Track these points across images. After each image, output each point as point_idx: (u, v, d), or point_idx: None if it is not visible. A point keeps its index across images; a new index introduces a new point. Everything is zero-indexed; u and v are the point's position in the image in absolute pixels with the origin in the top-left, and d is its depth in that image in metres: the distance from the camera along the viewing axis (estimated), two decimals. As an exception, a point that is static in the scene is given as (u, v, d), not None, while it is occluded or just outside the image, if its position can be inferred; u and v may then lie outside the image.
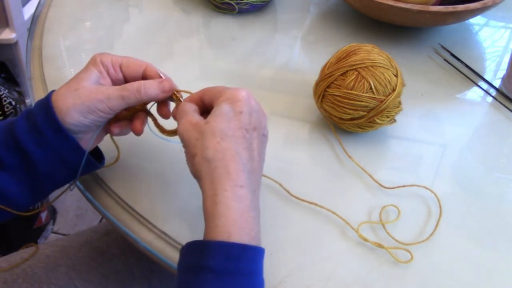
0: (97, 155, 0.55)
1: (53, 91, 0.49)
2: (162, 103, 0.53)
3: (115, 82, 0.51)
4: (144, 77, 0.51)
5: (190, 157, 0.45)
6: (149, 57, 0.54)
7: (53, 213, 1.44)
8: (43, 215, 1.35)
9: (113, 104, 0.48)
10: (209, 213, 0.42)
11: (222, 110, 0.45)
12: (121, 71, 0.51)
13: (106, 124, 0.51)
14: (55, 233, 1.42)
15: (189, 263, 0.42)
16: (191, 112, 0.47)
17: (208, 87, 0.49)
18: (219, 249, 0.40)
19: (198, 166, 0.44)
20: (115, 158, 0.56)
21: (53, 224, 1.43)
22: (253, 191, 0.44)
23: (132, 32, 0.79)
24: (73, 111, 0.47)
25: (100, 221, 1.45)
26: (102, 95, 0.47)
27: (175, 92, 0.51)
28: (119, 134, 0.53)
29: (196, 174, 0.45)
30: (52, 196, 0.55)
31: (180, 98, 0.51)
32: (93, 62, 0.50)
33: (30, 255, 0.64)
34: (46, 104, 0.47)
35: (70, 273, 0.67)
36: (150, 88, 0.49)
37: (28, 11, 1.40)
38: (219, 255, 0.40)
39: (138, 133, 0.52)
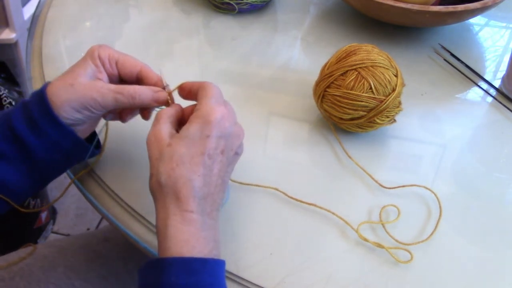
0: (92, 140, 0.55)
1: (48, 82, 0.49)
2: None
3: (110, 77, 0.51)
4: (139, 77, 0.51)
5: (150, 173, 0.45)
6: (149, 57, 0.54)
7: (53, 213, 1.44)
8: (43, 215, 1.35)
9: (106, 104, 0.48)
10: (161, 234, 0.43)
11: (188, 132, 0.44)
12: (117, 68, 0.51)
13: (111, 114, 0.53)
14: (55, 233, 1.42)
15: (149, 282, 0.42)
16: (163, 122, 0.47)
17: (205, 84, 0.48)
18: (178, 265, 0.41)
19: (152, 187, 0.45)
20: (101, 149, 0.57)
21: (53, 224, 1.42)
22: (206, 214, 0.44)
23: (132, 32, 0.79)
24: (67, 106, 0.47)
25: (98, 225, 1.45)
26: (97, 94, 0.48)
27: (168, 99, 0.51)
28: (130, 119, 0.55)
29: (152, 194, 0.45)
30: (52, 196, 0.55)
31: (172, 102, 0.51)
32: (90, 55, 0.50)
33: (27, 254, 0.64)
34: (41, 97, 0.48)
35: (69, 273, 0.67)
36: (144, 95, 0.49)
37: (28, 11, 1.40)
38: (179, 271, 0.41)
39: (147, 119, 0.53)
